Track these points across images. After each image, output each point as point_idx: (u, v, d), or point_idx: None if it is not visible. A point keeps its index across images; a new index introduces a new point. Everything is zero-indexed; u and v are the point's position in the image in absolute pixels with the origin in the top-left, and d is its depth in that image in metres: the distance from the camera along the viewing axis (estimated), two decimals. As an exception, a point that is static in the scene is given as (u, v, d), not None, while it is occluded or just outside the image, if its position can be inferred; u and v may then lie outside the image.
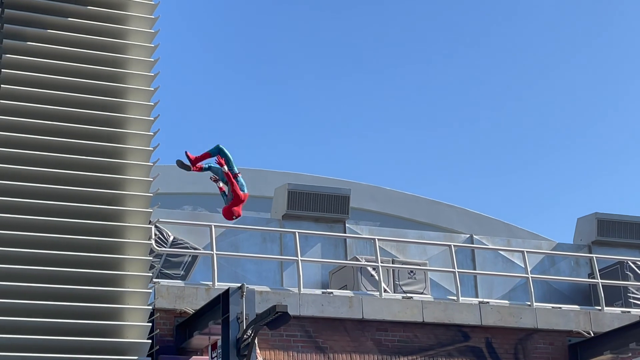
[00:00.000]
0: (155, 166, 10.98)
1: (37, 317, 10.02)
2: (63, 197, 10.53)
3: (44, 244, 10.28)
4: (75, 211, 10.51)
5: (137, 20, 11.44)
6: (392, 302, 15.23)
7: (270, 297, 14.19)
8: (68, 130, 10.77)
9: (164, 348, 13.57)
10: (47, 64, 10.91)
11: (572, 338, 16.21)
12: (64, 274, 10.25)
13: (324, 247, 18.40)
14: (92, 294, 10.31)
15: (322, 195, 18.54)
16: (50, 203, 10.45)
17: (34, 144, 10.59)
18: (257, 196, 21.76)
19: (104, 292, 10.37)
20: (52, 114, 10.77)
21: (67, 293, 10.23)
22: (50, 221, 10.39)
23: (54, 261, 10.26)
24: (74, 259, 10.34)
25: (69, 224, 10.44)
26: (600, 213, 20.59)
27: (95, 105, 10.99)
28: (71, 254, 10.33)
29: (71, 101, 10.90)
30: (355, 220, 20.16)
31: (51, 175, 10.56)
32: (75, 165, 10.68)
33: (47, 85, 10.86)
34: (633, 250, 20.69)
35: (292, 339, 14.44)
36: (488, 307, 15.77)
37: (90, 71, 11.08)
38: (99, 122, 10.94)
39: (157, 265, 16.05)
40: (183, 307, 13.96)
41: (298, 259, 15.11)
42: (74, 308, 10.18)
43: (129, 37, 11.39)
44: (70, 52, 11.05)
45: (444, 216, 23.03)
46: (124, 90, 11.16)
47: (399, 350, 15.06)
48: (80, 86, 11.00)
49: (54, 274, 10.21)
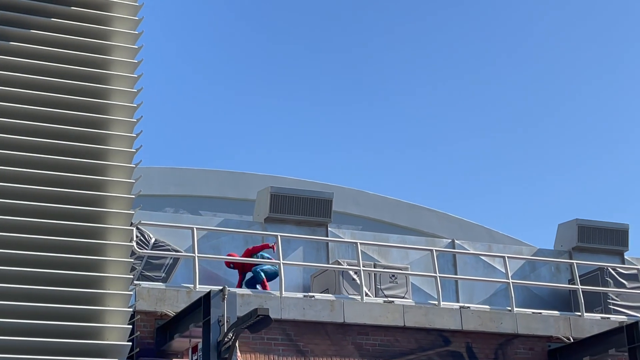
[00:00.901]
0: (138, 168, 10.95)
1: (15, 318, 9.96)
2: (44, 198, 10.48)
3: (24, 244, 10.23)
4: (55, 212, 10.46)
5: (120, 21, 11.41)
6: (374, 306, 15.25)
7: (252, 300, 14.18)
8: (49, 130, 10.73)
9: (144, 350, 13.53)
10: (28, 64, 10.86)
11: (552, 343, 16.28)
12: (44, 275, 10.20)
13: (306, 251, 18.40)
14: (72, 296, 10.27)
15: (305, 198, 18.54)
16: (31, 204, 10.40)
17: (15, 144, 10.54)
18: (240, 199, 21.77)
19: (84, 293, 10.32)
20: (33, 114, 10.72)
21: (47, 294, 10.18)
22: (31, 222, 10.33)
23: (33, 262, 10.21)
24: (54, 260, 10.29)
25: (49, 225, 10.39)
26: (581, 219, 20.68)
27: (77, 106, 10.94)
28: (51, 255, 10.28)
29: (53, 102, 10.85)
30: (338, 224, 20.17)
31: (32, 176, 10.51)
32: (56, 166, 10.63)
33: (28, 85, 10.81)
34: (613, 256, 20.79)
35: (273, 342, 14.43)
36: (469, 312, 15.81)
37: (73, 72, 11.03)
38: (80, 123, 10.89)
39: (138, 268, 16.00)
40: (164, 310, 13.92)
41: (280, 262, 15.11)
42: (53, 309, 10.13)
43: (112, 38, 11.35)
44: (52, 53, 11.01)
45: (426, 221, 23.08)
46: (107, 91, 11.13)
47: (379, 354, 15.08)
48: (62, 87, 10.95)
49: (34, 275, 10.16)
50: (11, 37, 10.87)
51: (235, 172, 22.50)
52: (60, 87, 10.93)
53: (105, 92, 11.10)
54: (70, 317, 10.19)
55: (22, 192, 10.41)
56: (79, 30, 11.20)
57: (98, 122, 10.96)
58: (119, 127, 11.02)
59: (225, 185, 22.14)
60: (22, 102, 10.70)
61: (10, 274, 10.09)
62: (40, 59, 10.94)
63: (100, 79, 11.13)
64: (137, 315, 13.39)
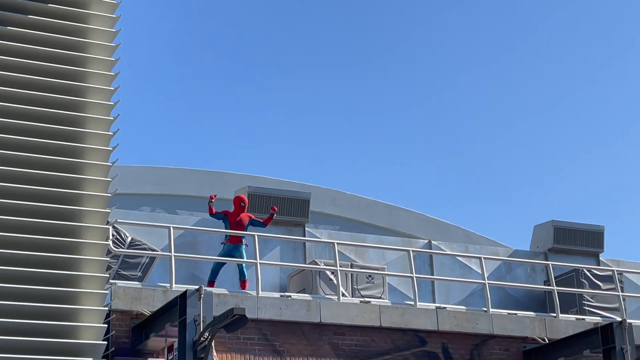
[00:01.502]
0: (114, 166, 10.91)
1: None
2: (18, 196, 10.42)
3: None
4: (31, 210, 10.41)
5: (97, 19, 11.37)
6: (350, 306, 15.26)
7: (228, 300, 14.15)
8: (25, 128, 10.67)
9: (120, 350, 13.47)
10: (4, 60, 10.80)
11: (527, 344, 16.35)
12: (19, 273, 10.14)
13: (282, 251, 18.39)
14: (47, 294, 10.22)
15: (282, 198, 18.53)
16: (5, 202, 10.34)
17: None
18: (217, 198, 21.72)
19: (60, 292, 10.27)
20: (8, 112, 10.66)
21: (22, 293, 10.12)
22: (5, 220, 10.27)
23: (8, 260, 10.15)
24: (29, 258, 10.23)
25: (24, 223, 10.33)
26: (556, 221, 20.79)
27: (53, 103, 10.89)
28: (27, 254, 10.23)
29: (29, 99, 10.80)
30: (315, 224, 20.16)
31: (7, 174, 10.44)
32: (32, 163, 10.58)
33: (3, 82, 10.74)
34: (588, 258, 20.91)
35: (249, 342, 14.41)
36: (445, 313, 15.86)
37: (48, 69, 10.98)
38: (57, 120, 10.84)
39: (114, 267, 15.92)
40: (140, 309, 13.87)
41: (257, 262, 15.09)
42: (28, 308, 10.08)
43: (90, 36, 11.31)
44: (28, 50, 10.95)
45: (403, 221, 23.12)
46: (84, 89, 11.08)
47: (355, 354, 15.09)
48: (38, 84, 10.90)
49: (9, 274, 10.10)
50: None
51: (213, 172, 22.43)
52: (36, 84, 10.87)
53: (82, 90, 11.06)
54: (45, 315, 10.14)
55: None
56: (57, 27, 11.15)
57: (74, 120, 10.91)
58: (96, 125, 10.98)
59: (203, 185, 22.07)
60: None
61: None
62: (15, 55, 10.88)
63: (77, 76, 11.08)
64: (112, 314, 13.33)
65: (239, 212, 16.55)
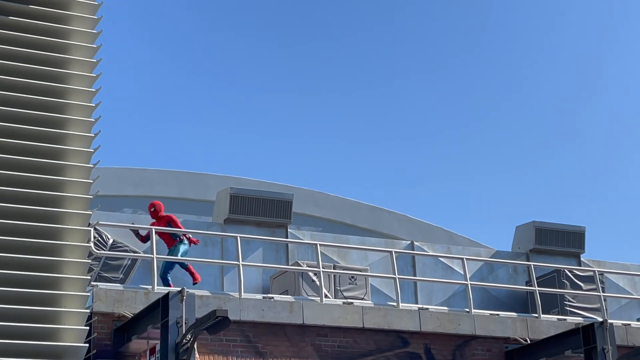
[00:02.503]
0: (96, 168, 10.87)
1: (-29, 319, 9.83)
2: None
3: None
4: (12, 212, 10.34)
5: (79, 20, 11.31)
6: (333, 308, 15.27)
7: (211, 302, 14.12)
8: (5, 129, 10.60)
9: (102, 352, 13.43)
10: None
11: (509, 345, 16.41)
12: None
13: (265, 252, 18.37)
14: (28, 297, 10.16)
15: (265, 199, 18.51)
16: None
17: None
18: (199, 200, 21.69)
19: (41, 294, 10.22)
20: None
21: (3, 295, 10.06)
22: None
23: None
24: (9, 260, 10.17)
25: (5, 225, 10.27)
26: (538, 222, 20.86)
27: (34, 105, 10.83)
28: (6, 256, 10.17)
29: (9, 100, 10.73)
30: (298, 225, 20.17)
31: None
32: (12, 165, 10.51)
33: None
34: (570, 258, 21.00)
35: (232, 344, 14.39)
36: (427, 314, 15.89)
37: (30, 70, 10.91)
38: (38, 122, 10.78)
39: (96, 269, 15.86)
40: (121, 311, 13.82)
41: (239, 263, 15.07)
42: (9, 310, 10.02)
43: (71, 37, 11.25)
44: (8, 51, 10.88)
45: (385, 222, 23.16)
46: (65, 90, 11.02)
47: (338, 356, 15.10)
48: (19, 85, 10.83)
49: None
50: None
51: (195, 173, 22.41)
52: (17, 85, 10.81)
53: (63, 91, 11.00)
54: (26, 318, 10.08)
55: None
56: (37, 28, 11.09)
57: (55, 121, 10.85)
58: (77, 126, 10.93)
59: (184, 186, 22.05)
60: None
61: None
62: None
63: (58, 77, 11.02)
64: (94, 316, 13.28)
65: (154, 218, 16.39)
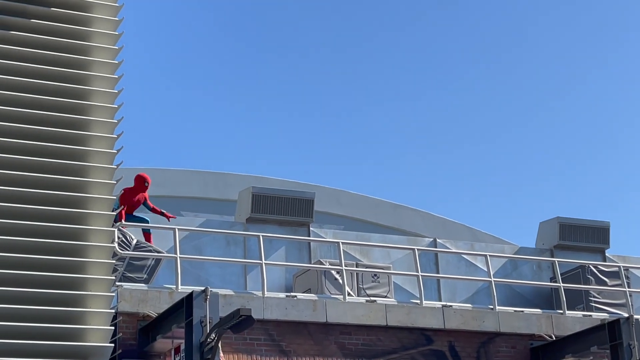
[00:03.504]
0: (119, 169, 10.92)
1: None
2: (24, 200, 10.43)
3: (5, 247, 10.17)
4: (36, 214, 10.41)
5: (100, 22, 11.36)
6: (356, 306, 15.25)
7: (234, 301, 14.14)
8: (29, 132, 10.67)
9: (127, 352, 13.48)
10: (7, 65, 10.80)
11: (534, 341, 16.33)
12: (25, 277, 10.15)
13: (288, 251, 18.38)
14: (53, 297, 10.22)
15: (287, 198, 18.52)
16: (12, 205, 10.34)
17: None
18: (221, 199, 21.73)
19: (66, 295, 10.28)
20: (13, 116, 10.66)
21: (29, 296, 10.12)
22: (11, 224, 10.28)
23: (15, 264, 10.15)
24: (35, 262, 10.23)
25: (30, 226, 10.34)
26: (562, 217, 20.75)
27: (57, 107, 10.88)
28: (33, 257, 10.23)
29: (33, 103, 10.79)
30: (320, 223, 20.16)
31: (12, 178, 10.45)
32: (37, 167, 10.58)
33: (7, 86, 10.74)
34: (595, 254, 20.89)
35: (256, 343, 14.41)
36: (451, 311, 15.84)
37: (52, 73, 10.96)
38: (61, 124, 10.83)
39: (120, 269, 15.92)
40: (146, 311, 13.88)
41: (262, 262, 15.08)
42: (36, 311, 10.08)
43: (92, 39, 11.30)
44: (31, 54, 10.94)
45: (408, 220, 23.12)
46: (87, 92, 11.07)
47: (362, 354, 15.08)
48: (42, 88, 10.88)
49: (15, 277, 10.11)
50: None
51: (217, 173, 22.46)
52: (41, 88, 10.88)
53: (85, 93, 11.06)
54: (52, 318, 10.15)
55: (1, 194, 10.36)
56: (59, 31, 11.15)
57: (79, 123, 10.91)
58: (100, 128, 10.98)
59: (207, 186, 22.10)
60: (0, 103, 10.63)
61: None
62: (20, 60, 10.88)
63: (80, 80, 11.08)
64: (119, 316, 13.34)
65: (138, 192, 16.33)
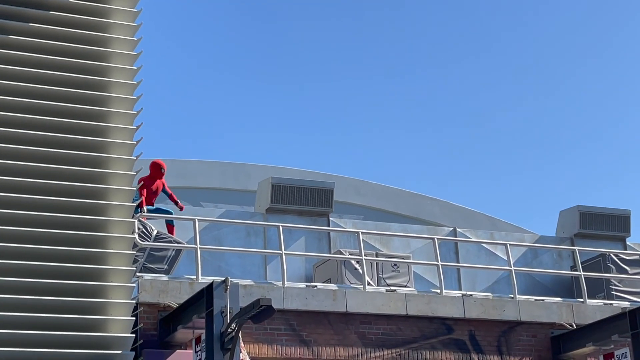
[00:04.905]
0: (138, 160, 10.97)
1: (21, 311, 9.99)
2: (46, 193, 10.50)
3: (27, 238, 10.25)
4: (58, 205, 10.49)
5: (120, 13, 11.42)
6: (376, 295, 15.26)
7: (254, 291, 14.18)
8: (49, 124, 10.74)
9: (148, 342, 13.54)
10: (28, 57, 10.86)
11: (554, 330, 16.29)
12: (47, 268, 10.23)
13: (307, 241, 18.40)
14: (76, 288, 10.30)
15: (306, 188, 18.53)
16: (36, 197, 10.42)
17: (13, 138, 10.55)
18: (241, 190, 21.76)
19: (88, 286, 10.35)
20: (32, 108, 10.72)
21: (51, 287, 10.20)
22: (35, 215, 10.36)
23: (38, 255, 10.24)
24: (57, 253, 10.31)
25: (53, 218, 10.41)
26: (582, 206, 20.67)
27: (77, 99, 10.96)
28: (55, 249, 10.31)
29: (53, 95, 10.87)
30: (339, 213, 20.16)
31: (33, 169, 10.52)
32: (57, 159, 10.65)
33: (28, 79, 10.81)
34: (615, 242, 20.79)
35: (276, 333, 14.44)
36: (471, 300, 15.82)
37: (72, 65, 11.05)
38: (80, 116, 10.93)
39: (141, 260, 15.99)
40: (167, 301, 13.93)
41: (282, 252, 15.11)
42: (58, 302, 10.16)
43: (112, 30, 11.35)
44: (50, 46, 11.01)
45: (428, 209, 23.08)
46: (107, 84, 11.16)
47: (382, 343, 15.09)
48: (62, 80, 10.97)
49: (38, 268, 10.19)
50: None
51: (236, 163, 22.48)
52: (60, 80, 10.95)
53: (105, 85, 11.12)
54: (74, 309, 10.22)
55: (22, 186, 10.43)
56: (78, 23, 11.21)
57: (98, 115, 10.97)
58: (119, 119, 11.04)
59: (227, 177, 22.13)
60: (21, 95, 10.70)
61: (13, 267, 10.12)
62: (40, 52, 10.95)
63: (100, 72, 11.14)
64: (140, 307, 13.39)
65: (155, 179, 16.22)
